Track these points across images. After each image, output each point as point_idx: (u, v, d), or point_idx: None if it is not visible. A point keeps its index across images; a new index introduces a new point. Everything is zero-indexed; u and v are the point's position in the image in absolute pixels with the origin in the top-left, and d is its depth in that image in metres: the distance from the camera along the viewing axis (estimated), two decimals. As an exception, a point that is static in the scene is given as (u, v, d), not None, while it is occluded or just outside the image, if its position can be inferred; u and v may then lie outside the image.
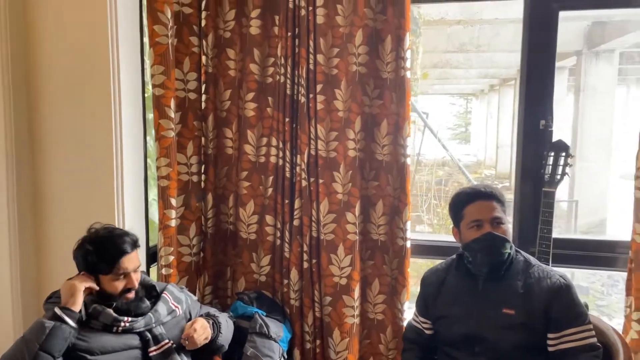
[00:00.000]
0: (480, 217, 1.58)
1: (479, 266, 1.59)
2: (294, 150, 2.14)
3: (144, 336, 1.60)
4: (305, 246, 2.13)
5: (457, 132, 19.43)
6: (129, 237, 1.62)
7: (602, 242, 2.10)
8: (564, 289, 1.53)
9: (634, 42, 6.31)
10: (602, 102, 7.50)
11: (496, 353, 1.54)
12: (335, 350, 2.12)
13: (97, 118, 1.90)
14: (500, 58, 8.82)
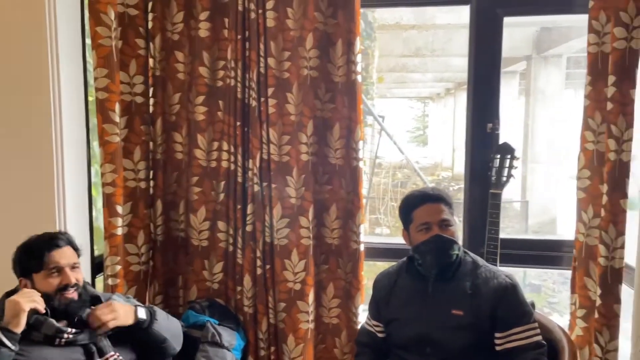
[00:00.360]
0: (428, 220, 1.60)
1: (428, 268, 1.61)
2: (245, 154, 2.11)
3: (88, 349, 1.54)
4: (259, 252, 2.10)
5: (416, 135, 19.78)
6: (60, 235, 1.59)
7: (549, 241, 2.17)
8: (510, 289, 1.57)
9: (580, 48, 6.57)
10: (551, 105, 7.79)
11: (446, 354, 1.55)
12: (290, 357, 2.10)
13: (35, 123, 1.82)
14: (454, 62, 9.04)
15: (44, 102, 1.81)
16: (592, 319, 1.85)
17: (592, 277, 1.87)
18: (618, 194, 1.73)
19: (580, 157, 1.89)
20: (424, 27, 6.70)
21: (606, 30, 1.74)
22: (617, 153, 1.72)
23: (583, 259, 1.90)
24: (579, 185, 1.90)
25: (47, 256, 1.51)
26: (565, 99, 8.34)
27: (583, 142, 1.87)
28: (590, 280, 1.89)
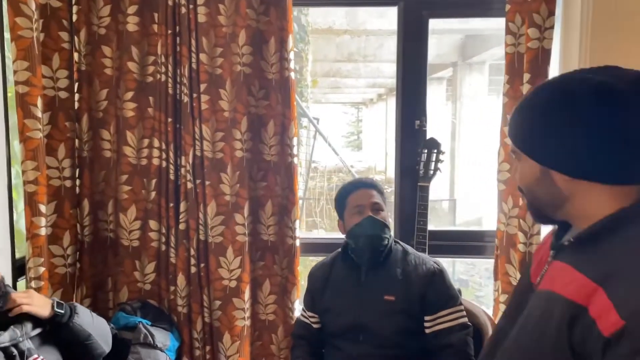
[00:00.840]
0: (361, 203, 1.67)
1: (361, 251, 1.65)
2: (177, 151, 2.07)
3: (9, 352, 1.45)
4: (193, 250, 2.07)
5: (350, 139, 20.12)
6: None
7: (473, 232, 2.29)
8: (438, 274, 1.65)
9: (501, 55, 6.97)
10: (476, 110, 8.19)
11: (379, 339, 1.60)
12: (225, 355, 2.08)
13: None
14: (385, 68, 9.29)
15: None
16: (514, 302, 1.97)
17: (512, 264, 2.00)
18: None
19: (500, 151, 2.01)
20: (356, 33, 6.84)
21: (521, 32, 1.87)
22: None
23: (504, 247, 2.02)
24: (499, 178, 2.02)
25: None
26: (488, 104, 8.79)
27: (502, 137, 1.99)
28: (511, 267, 2.01)
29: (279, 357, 2.17)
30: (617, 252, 0.85)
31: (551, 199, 0.94)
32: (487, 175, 6.94)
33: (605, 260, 0.85)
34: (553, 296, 0.89)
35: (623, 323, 0.77)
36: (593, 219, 0.90)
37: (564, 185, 0.91)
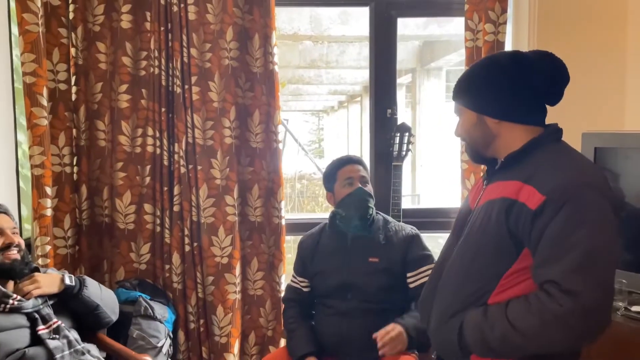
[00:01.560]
0: (351, 175, 1.88)
1: (350, 219, 1.85)
2: (171, 139, 2.24)
3: (31, 316, 1.59)
4: (187, 230, 2.23)
5: (312, 148, 20.39)
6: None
7: (439, 209, 2.52)
8: (416, 237, 1.88)
9: (458, 61, 7.34)
10: (434, 114, 8.57)
11: (365, 295, 1.81)
12: (219, 326, 2.24)
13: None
14: (347, 74, 9.57)
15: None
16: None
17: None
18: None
19: (463, 134, 2.27)
20: (319, 39, 7.08)
21: (479, 28, 2.14)
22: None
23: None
24: (462, 159, 2.28)
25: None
26: (446, 109, 9.22)
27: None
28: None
29: (267, 328, 2.35)
30: (533, 162, 1.19)
31: (484, 138, 1.28)
32: (445, 173, 7.29)
33: (527, 168, 1.19)
34: (490, 202, 1.22)
35: (544, 197, 1.11)
36: (514, 149, 1.24)
37: (494, 126, 1.26)
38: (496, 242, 1.19)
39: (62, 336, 1.60)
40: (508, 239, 1.17)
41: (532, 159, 1.21)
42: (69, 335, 1.62)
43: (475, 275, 1.23)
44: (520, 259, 1.17)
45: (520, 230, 1.15)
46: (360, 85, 10.43)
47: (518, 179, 1.18)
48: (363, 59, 7.97)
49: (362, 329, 1.78)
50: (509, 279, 1.18)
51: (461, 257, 1.28)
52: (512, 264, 1.18)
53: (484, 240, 1.22)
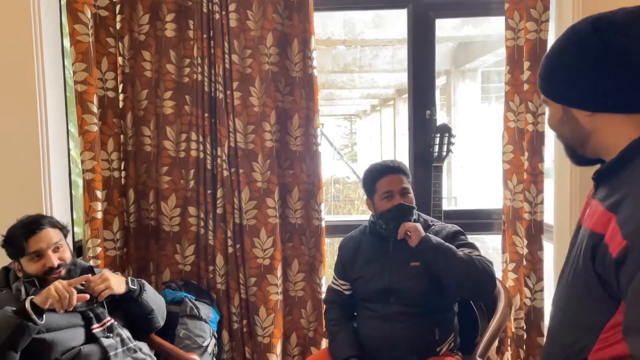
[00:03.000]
0: (391, 189, 1.83)
1: (391, 232, 1.85)
2: (214, 143, 2.29)
3: (85, 315, 1.65)
4: (229, 232, 2.28)
5: (344, 152, 20.39)
6: (40, 218, 1.67)
7: (481, 210, 2.50)
8: (458, 232, 1.86)
9: (493, 62, 7.23)
10: (470, 116, 8.46)
11: (407, 300, 1.80)
12: (261, 327, 2.28)
13: (23, 117, 1.91)
14: (379, 78, 9.55)
15: (30, 99, 1.90)
16: (521, 268, 2.20)
17: (519, 235, 2.22)
18: (536, 158, 2.10)
19: (504, 135, 2.24)
20: (353, 43, 7.11)
21: (520, 26, 2.12)
22: (534, 125, 2.09)
23: (511, 221, 2.25)
24: (504, 159, 2.26)
25: (25, 243, 1.59)
26: (481, 110, 9.08)
27: (506, 121, 2.23)
28: (517, 238, 2.23)
29: (309, 329, 2.38)
30: (631, 178, 0.90)
31: (575, 136, 1.00)
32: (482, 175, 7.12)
33: (620, 188, 0.90)
34: (584, 231, 0.96)
35: (625, 242, 0.82)
36: (617, 150, 0.93)
37: (585, 121, 0.96)
38: (587, 286, 0.93)
39: (115, 334, 1.66)
40: (599, 285, 0.90)
41: (633, 168, 0.90)
42: (122, 334, 1.68)
43: (571, 321, 0.99)
44: (621, 310, 0.88)
45: (609, 278, 0.88)
46: (393, 89, 10.41)
47: (607, 203, 0.90)
48: (396, 62, 7.95)
49: (404, 333, 1.78)
50: (610, 332, 0.90)
51: (559, 294, 1.04)
52: (612, 315, 0.89)
53: (576, 281, 0.96)
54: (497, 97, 11.54)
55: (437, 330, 1.79)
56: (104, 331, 1.65)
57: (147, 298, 1.78)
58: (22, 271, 1.63)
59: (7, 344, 1.40)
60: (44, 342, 1.52)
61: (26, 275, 1.62)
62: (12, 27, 1.88)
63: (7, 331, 1.40)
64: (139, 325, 1.81)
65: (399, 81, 9.42)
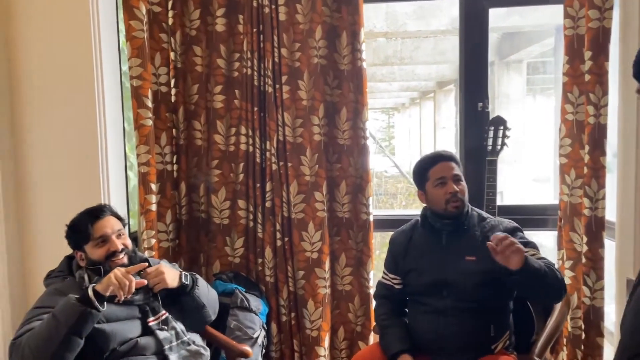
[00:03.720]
0: (444, 175, 1.81)
1: (444, 224, 1.82)
2: (263, 137, 2.30)
3: (142, 308, 1.68)
4: (278, 225, 2.29)
5: (383, 146, 20.21)
6: (102, 206, 1.72)
7: (536, 206, 2.43)
8: (516, 229, 1.80)
9: (539, 52, 7.00)
10: (515, 109, 8.23)
11: (461, 294, 1.76)
12: (310, 320, 2.28)
13: (82, 112, 1.98)
14: (420, 70, 9.40)
15: (89, 94, 1.97)
16: (580, 266, 2.12)
17: (577, 231, 2.14)
18: (598, 152, 2.01)
19: (562, 127, 2.16)
20: (394, 35, 7.02)
21: (580, 14, 2.03)
22: (596, 117, 2.00)
23: (568, 217, 2.17)
24: (561, 153, 2.18)
25: (90, 228, 1.64)
26: (527, 103, 8.82)
27: (563, 114, 2.15)
28: (575, 235, 2.15)
29: (356, 324, 2.37)
30: None
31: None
32: (528, 170, 6.92)
33: None
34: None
35: None
36: None
37: None
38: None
39: (169, 327, 1.69)
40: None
41: None
42: (176, 327, 1.71)
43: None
44: None
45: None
46: (433, 81, 10.23)
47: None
48: (438, 53, 7.81)
49: (458, 328, 1.74)
50: None
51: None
52: None
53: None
54: (543, 89, 11.22)
55: (492, 326, 1.75)
56: (159, 324, 1.68)
57: (199, 293, 1.78)
58: (86, 259, 1.67)
59: (73, 330, 1.45)
60: (104, 332, 1.56)
61: (90, 262, 1.65)
62: (72, 26, 1.94)
63: (73, 318, 1.45)
64: (191, 318, 1.82)
65: (440, 73, 9.25)
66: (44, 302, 1.58)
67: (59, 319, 1.45)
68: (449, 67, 8.53)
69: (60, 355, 1.45)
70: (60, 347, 1.44)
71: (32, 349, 1.44)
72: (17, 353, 1.46)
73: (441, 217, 1.83)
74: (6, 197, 1.99)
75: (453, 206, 1.79)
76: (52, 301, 1.56)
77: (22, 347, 1.45)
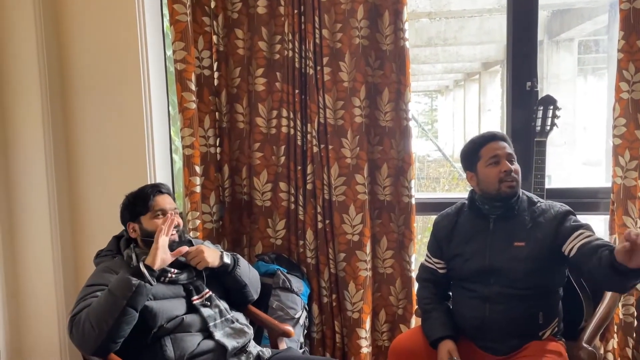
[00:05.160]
0: (497, 153, 1.74)
1: (495, 209, 1.76)
2: (304, 119, 2.30)
3: (187, 287, 1.73)
4: (319, 208, 2.30)
5: (425, 129, 19.87)
6: (162, 185, 1.81)
7: (587, 189, 2.33)
8: (568, 213, 1.72)
9: (592, 30, 6.67)
10: (565, 90, 7.91)
11: (509, 281, 1.71)
12: (351, 302, 2.29)
13: (129, 97, 2.04)
14: (465, 51, 9.13)
15: (135, 77, 2.02)
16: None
17: (630, 215, 2.05)
18: (655, 132, 1.91)
19: (616, 107, 2.06)
20: (438, 14, 6.84)
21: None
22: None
23: (621, 200, 2.07)
24: (615, 133, 2.07)
25: (152, 200, 1.73)
26: (578, 85, 8.44)
27: (618, 92, 2.04)
28: (628, 219, 2.06)
29: (398, 307, 2.36)
30: None
31: None
32: (578, 153, 6.66)
33: None
34: None
35: None
36: None
37: None
38: None
39: (213, 305, 1.73)
40: None
41: None
42: (220, 305, 1.75)
43: None
44: None
45: None
46: (478, 62, 9.93)
47: None
48: (483, 33, 7.57)
49: (504, 314, 1.70)
50: None
51: None
52: None
53: None
54: (595, 69, 10.72)
55: (541, 314, 1.70)
56: (203, 302, 1.72)
57: (240, 273, 1.82)
58: (141, 230, 1.73)
59: (130, 303, 1.51)
60: (151, 309, 1.62)
61: (145, 233, 1.72)
62: (118, 11, 1.99)
63: (129, 292, 1.51)
64: (234, 297, 1.86)
65: (485, 54, 8.96)
66: (96, 279, 1.65)
67: (116, 294, 1.52)
68: (495, 47, 8.25)
69: (119, 327, 1.52)
70: (119, 320, 1.51)
71: (93, 323, 1.51)
72: (78, 328, 1.53)
73: (492, 199, 1.76)
74: (59, 181, 2.07)
75: (507, 185, 1.72)
76: (104, 278, 1.62)
77: (83, 322, 1.52)
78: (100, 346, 1.52)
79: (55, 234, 2.05)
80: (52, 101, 2.03)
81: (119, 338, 1.54)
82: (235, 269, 1.81)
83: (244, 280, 1.83)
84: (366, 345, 2.31)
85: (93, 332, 1.50)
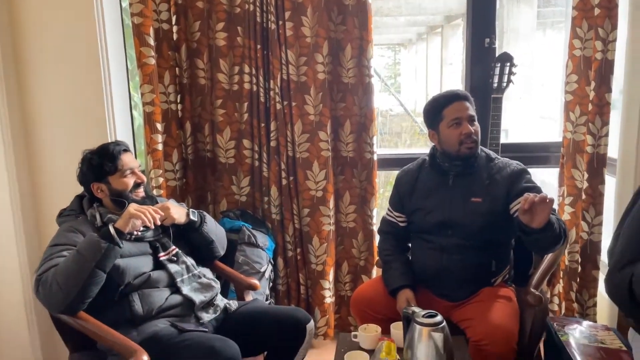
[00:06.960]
0: (459, 115, 1.79)
1: (454, 167, 1.82)
2: (266, 75, 2.29)
3: (153, 244, 1.74)
4: (283, 164, 2.32)
5: (388, 83, 19.86)
6: (121, 142, 1.77)
7: (539, 144, 2.43)
8: (523, 171, 1.80)
9: (551, -16, 6.73)
10: (523, 45, 8.01)
11: (466, 234, 1.80)
12: (315, 255, 2.36)
13: (84, 49, 1.97)
14: (428, 4, 9.06)
15: (90, 28, 1.95)
16: (579, 202, 2.16)
17: (578, 168, 2.16)
18: (604, 88, 2.00)
19: (569, 63, 2.13)
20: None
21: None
22: (603, 52, 1.97)
23: (571, 154, 2.18)
24: (567, 89, 2.16)
25: (120, 159, 1.69)
26: (537, 38, 8.55)
27: (571, 49, 2.11)
28: (577, 171, 2.18)
29: (360, 259, 2.45)
30: None
31: None
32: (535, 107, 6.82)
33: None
34: None
35: None
36: None
37: None
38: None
39: (180, 261, 1.76)
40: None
41: None
42: (187, 261, 1.77)
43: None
44: None
45: None
46: (441, 15, 9.89)
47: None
48: (446, -14, 7.52)
49: (460, 263, 1.80)
50: None
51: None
52: None
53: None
54: (554, 23, 10.82)
55: (494, 262, 1.81)
56: (170, 258, 1.74)
57: (207, 230, 1.84)
58: (110, 190, 1.70)
59: (98, 265, 1.52)
60: (118, 267, 1.62)
61: (114, 193, 1.70)
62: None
63: (98, 254, 1.51)
64: (201, 253, 1.89)
65: (448, 7, 8.94)
66: (61, 239, 1.64)
67: (84, 255, 1.52)
68: (458, 0, 8.25)
69: (87, 288, 1.53)
70: (87, 281, 1.51)
71: (60, 284, 1.51)
72: (45, 288, 1.52)
73: (452, 158, 1.82)
74: (16, 139, 2.01)
75: (467, 147, 1.78)
76: (68, 238, 1.62)
77: (50, 282, 1.52)
78: (67, 305, 1.53)
79: (15, 193, 2.01)
80: (4, 57, 1.94)
81: (87, 298, 1.55)
82: (202, 226, 1.82)
83: (211, 236, 1.86)
84: (329, 296, 2.40)
85: (60, 292, 1.51)
